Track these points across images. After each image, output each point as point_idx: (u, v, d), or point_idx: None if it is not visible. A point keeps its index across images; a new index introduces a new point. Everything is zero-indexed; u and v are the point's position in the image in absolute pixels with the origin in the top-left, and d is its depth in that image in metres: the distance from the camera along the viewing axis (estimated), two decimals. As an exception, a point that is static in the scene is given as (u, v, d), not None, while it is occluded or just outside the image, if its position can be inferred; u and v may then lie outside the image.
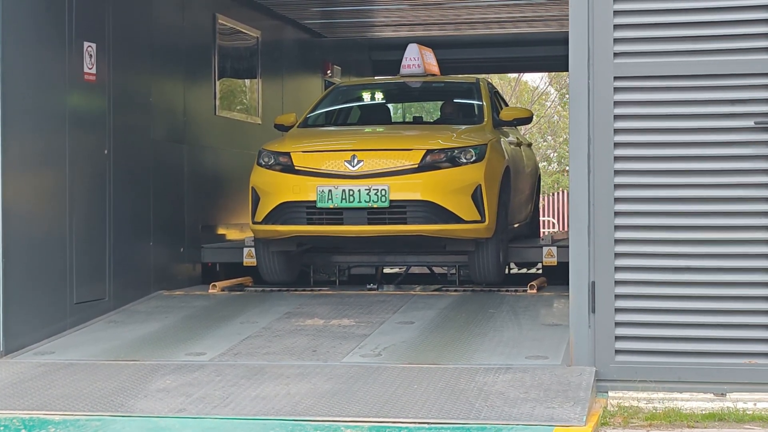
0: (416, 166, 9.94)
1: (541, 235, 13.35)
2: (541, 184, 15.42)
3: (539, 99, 40.10)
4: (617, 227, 7.19)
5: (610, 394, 7.06)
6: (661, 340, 7.15)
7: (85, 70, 9.31)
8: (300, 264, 11.17)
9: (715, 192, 7.11)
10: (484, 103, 11.44)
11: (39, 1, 8.69)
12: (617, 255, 7.19)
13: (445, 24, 16.60)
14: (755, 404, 6.86)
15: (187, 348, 8.19)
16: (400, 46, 12.64)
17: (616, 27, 7.18)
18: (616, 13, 7.17)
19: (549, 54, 17.71)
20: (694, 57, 7.12)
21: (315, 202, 9.96)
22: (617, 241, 7.19)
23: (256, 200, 10.29)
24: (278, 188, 10.14)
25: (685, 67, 7.12)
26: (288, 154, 10.23)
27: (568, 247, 7.33)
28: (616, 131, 7.18)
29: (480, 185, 9.99)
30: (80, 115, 9.24)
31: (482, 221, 10.00)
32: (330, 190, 9.91)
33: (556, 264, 10.99)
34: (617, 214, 7.19)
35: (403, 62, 11.94)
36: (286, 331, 8.66)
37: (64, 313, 8.94)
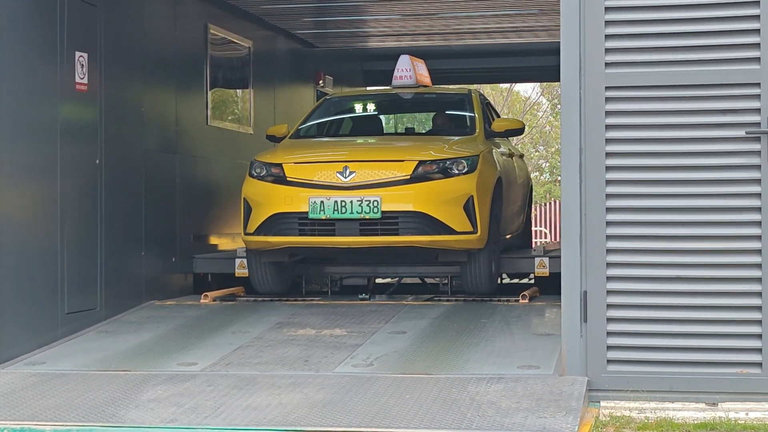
0: (408, 177, 9.95)
1: (534, 245, 13.35)
2: (533, 194, 15.43)
3: (531, 109, 40.17)
4: (609, 237, 7.19)
5: (602, 403, 7.06)
6: (653, 349, 7.15)
7: (77, 80, 9.31)
8: (292, 275, 11.17)
9: (706, 202, 7.11)
10: (476, 115, 11.45)
11: (31, 10, 8.69)
12: (609, 265, 7.19)
13: (436, 34, 16.63)
14: (747, 414, 6.87)
15: (178, 358, 8.18)
16: (392, 56, 12.66)
17: (608, 37, 7.19)
18: (608, 23, 7.19)
19: (541, 64, 17.74)
20: (686, 67, 7.13)
21: (307, 213, 9.95)
22: (609, 251, 7.19)
23: (248, 211, 10.29)
24: (270, 199, 10.13)
25: (677, 77, 7.13)
26: (280, 165, 10.23)
27: (560, 257, 7.34)
28: (608, 141, 7.19)
29: (472, 196, 10.00)
30: (72, 125, 9.23)
31: (474, 232, 10.00)
32: (322, 201, 9.91)
33: (548, 275, 10.99)
34: (609, 223, 7.20)
35: (395, 73, 11.95)
36: (278, 341, 8.65)
37: (56, 323, 8.92)
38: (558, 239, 22.58)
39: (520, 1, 13.94)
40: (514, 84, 37.68)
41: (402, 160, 10.06)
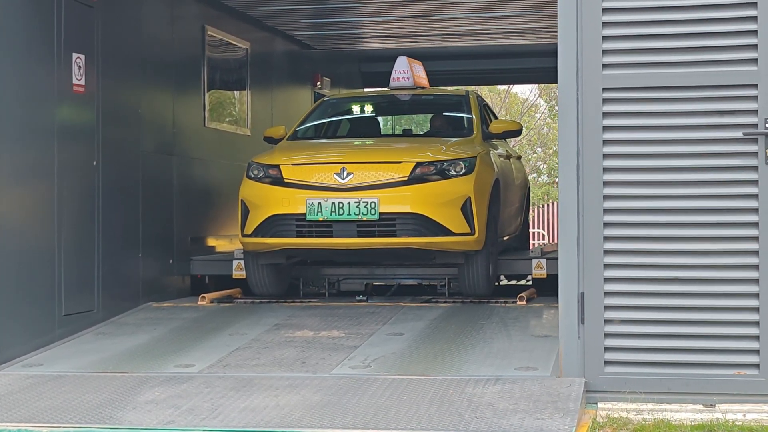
0: (406, 178, 9.94)
1: (531, 247, 13.36)
2: (531, 195, 15.44)
3: (529, 111, 40.19)
4: (606, 238, 7.19)
5: (600, 405, 7.06)
6: (650, 351, 7.15)
7: (74, 81, 9.30)
8: (289, 277, 11.16)
9: (703, 203, 7.11)
10: (474, 116, 11.46)
11: (28, 11, 8.68)
12: (606, 266, 7.19)
13: (434, 36, 16.64)
14: (744, 415, 6.87)
15: (175, 360, 8.18)
16: (390, 57, 12.67)
17: (605, 38, 7.19)
18: (605, 24, 7.18)
19: (538, 66, 17.75)
20: (683, 68, 7.13)
21: (304, 214, 9.95)
22: (606, 252, 7.19)
23: (245, 213, 10.28)
24: (268, 201, 10.13)
25: (674, 79, 7.13)
26: (277, 166, 10.23)
27: (557, 259, 7.34)
28: (605, 142, 7.19)
29: (469, 198, 9.99)
30: (69, 126, 9.22)
31: (472, 234, 10.00)
32: (319, 203, 9.90)
33: (545, 276, 10.99)
34: (606, 225, 7.19)
35: (393, 75, 11.96)
36: (275, 342, 8.65)
37: (53, 325, 8.91)
38: (556, 241, 22.59)
39: (519, 2, 13.94)
40: (511, 86, 37.71)
41: (399, 162, 10.06)
